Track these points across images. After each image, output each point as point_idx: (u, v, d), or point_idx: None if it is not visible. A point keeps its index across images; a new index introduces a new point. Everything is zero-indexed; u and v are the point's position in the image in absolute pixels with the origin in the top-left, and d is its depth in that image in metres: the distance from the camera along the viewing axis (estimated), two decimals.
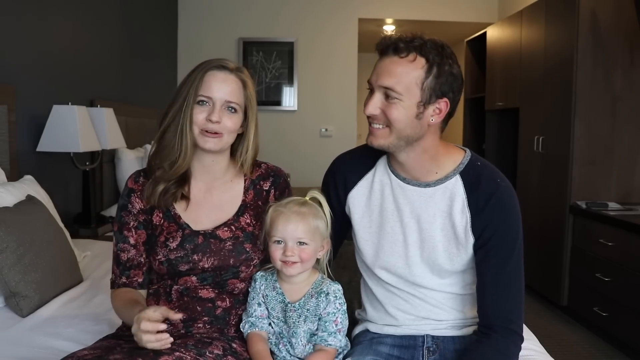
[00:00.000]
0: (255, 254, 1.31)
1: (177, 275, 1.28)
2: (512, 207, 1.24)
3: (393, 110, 1.18)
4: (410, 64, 1.16)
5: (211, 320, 1.28)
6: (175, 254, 1.27)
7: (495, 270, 1.22)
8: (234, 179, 1.37)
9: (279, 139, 5.19)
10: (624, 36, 3.15)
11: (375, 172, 1.34)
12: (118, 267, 1.34)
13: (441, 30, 5.60)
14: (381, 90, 1.19)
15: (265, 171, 1.40)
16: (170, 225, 1.30)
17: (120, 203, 1.35)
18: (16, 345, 1.46)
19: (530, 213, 3.66)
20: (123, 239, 1.33)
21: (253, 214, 1.34)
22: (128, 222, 1.32)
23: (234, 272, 1.29)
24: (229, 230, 1.30)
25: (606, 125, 3.20)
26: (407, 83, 1.16)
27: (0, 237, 1.65)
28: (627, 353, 2.80)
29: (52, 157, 2.66)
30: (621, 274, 2.78)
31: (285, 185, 1.41)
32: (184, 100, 1.25)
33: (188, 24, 5.08)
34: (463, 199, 1.24)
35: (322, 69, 5.19)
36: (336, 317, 1.25)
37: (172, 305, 1.28)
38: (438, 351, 1.29)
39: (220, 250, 1.28)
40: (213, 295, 1.29)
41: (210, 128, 1.25)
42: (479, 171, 1.26)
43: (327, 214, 1.26)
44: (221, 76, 1.27)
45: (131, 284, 1.33)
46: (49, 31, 2.70)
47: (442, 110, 1.20)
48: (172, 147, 1.26)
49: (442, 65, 1.17)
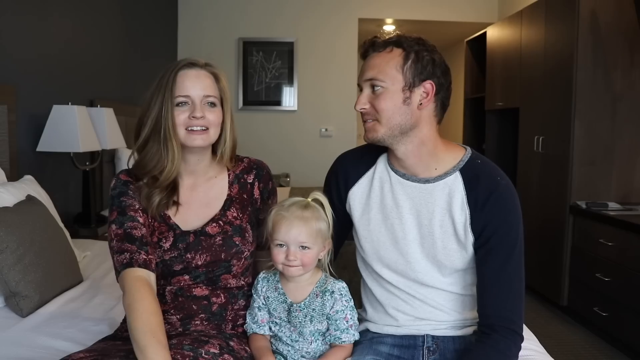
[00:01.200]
0: (245, 246, 1.32)
1: (170, 275, 1.28)
2: (512, 206, 1.24)
3: (380, 100, 1.21)
4: (388, 54, 1.23)
5: (208, 317, 1.29)
6: (169, 254, 1.27)
7: (496, 269, 1.22)
8: (218, 175, 1.38)
9: (279, 139, 5.19)
10: (624, 36, 3.15)
11: (375, 169, 1.34)
12: (133, 243, 1.20)
13: (441, 30, 5.61)
14: (367, 84, 1.24)
15: (248, 165, 1.41)
16: (161, 225, 1.30)
17: (116, 192, 1.29)
18: (16, 345, 1.46)
19: (530, 213, 3.66)
20: (130, 218, 1.24)
21: (239, 207, 1.35)
22: (133, 204, 1.27)
23: (226, 266, 1.29)
24: (218, 226, 1.31)
25: (606, 125, 3.20)
26: (387, 70, 1.21)
27: (0, 237, 1.65)
28: (627, 353, 2.80)
29: (52, 157, 2.66)
30: (621, 274, 2.78)
31: (269, 177, 1.42)
32: (161, 104, 1.24)
33: (188, 24, 5.08)
34: (462, 195, 1.24)
35: (322, 69, 5.19)
36: (345, 314, 1.26)
37: (167, 306, 1.28)
38: (438, 351, 1.30)
39: (211, 246, 1.28)
40: (207, 292, 1.29)
41: (196, 124, 1.26)
42: (480, 168, 1.26)
43: (329, 216, 1.26)
44: (193, 73, 1.27)
45: (151, 264, 1.21)
46: (49, 31, 2.70)
47: (429, 93, 1.23)
48: (159, 154, 1.25)
49: (420, 52, 1.22)
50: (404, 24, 5.41)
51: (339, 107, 5.22)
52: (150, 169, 1.26)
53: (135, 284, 1.16)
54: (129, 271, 1.18)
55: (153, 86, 1.28)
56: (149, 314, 1.11)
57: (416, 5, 5.16)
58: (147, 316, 1.11)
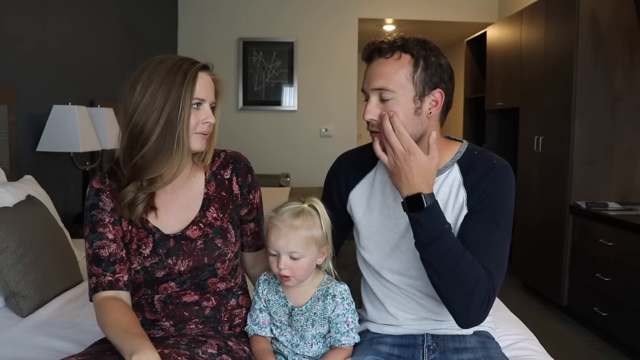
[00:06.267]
0: (227, 247, 1.27)
1: (154, 283, 1.24)
2: (507, 181, 1.23)
3: (390, 110, 1.17)
4: (397, 62, 1.18)
5: (202, 321, 1.26)
6: (150, 260, 1.22)
7: (481, 230, 1.18)
8: (196, 173, 1.32)
9: (279, 139, 5.20)
10: (624, 36, 3.15)
11: (376, 170, 1.34)
12: (99, 266, 1.20)
13: (441, 30, 5.61)
14: (375, 93, 1.20)
15: (224, 159, 1.34)
16: (139, 231, 1.24)
17: (88, 203, 1.25)
18: (16, 345, 1.46)
19: (530, 213, 3.66)
20: (99, 236, 1.22)
21: (218, 206, 1.29)
22: (102, 218, 1.23)
23: (211, 270, 1.26)
24: (198, 229, 1.26)
25: (606, 125, 3.20)
26: (398, 80, 1.17)
27: (0, 237, 1.65)
28: (627, 353, 2.80)
29: (52, 157, 2.66)
30: (621, 274, 2.78)
31: (247, 169, 1.34)
32: (176, 106, 1.16)
33: (188, 24, 5.09)
34: (459, 182, 1.24)
35: (322, 69, 5.19)
36: (347, 318, 1.25)
37: (158, 315, 1.25)
38: (438, 350, 1.29)
39: (193, 250, 1.24)
40: (197, 298, 1.26)
41: (207, 130, 1.23)
42: (476, 157, 1.27)
43: (325, 222, 1.23)
44: (208, 77, 1.24)
45: (117, 283, 1.19)
46: (49, 31, 2.70)
47: (438, 101, 1.22)
48: (168, 157, 1.17)
49: (428, 58, 1.19)
50: (404, 24, 5.42)
51: (339, 107, 5.23)
52: (154, 172, 1.19)
53: (103, 304, 1.17)
54: (96, 296, 1.20)
55: (157, 80, 1.17)
56: (120, 317, 1.13)
57: (416, 5, 5.16)
58: (118, 320, 1.12)
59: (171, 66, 1.19)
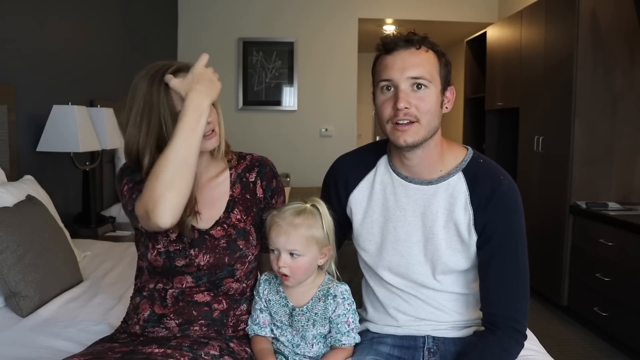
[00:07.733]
0: (248, 250, 1.29)
1: (172, 273, 1.25)
2: (515, 205, 1.24)
3: (426, 101, 1.19)
4: (426, 54, 1.20)
5: (208, 323, 1.27)
6: (174, 246, 1.24)
7: (501, 269, 1.22)
8: (219, 174, 1.34)
9: (279, 139, 5.19)
10: (624, 36, 3.15)
11: (376, 172, 1.33)
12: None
13: (441, 30, 5.60)
14: (408, 82, 1.18)
15: (250, 162, 1.37)
16: None
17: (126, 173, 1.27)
18: (16, 345, 1.45)
19: (530, 213, 3.64)
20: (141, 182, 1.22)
21: (242, 208, 1.32)
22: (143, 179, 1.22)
23: (230, 270, 1.28)
24: (222, 229, 1.28)
25: (606, 125, 3.20)
26: (431, 71, 1.20)
27: (0, 237, 1.65)
28: (627, 353, 2.80)
29: (52, 157, 2.66)
30: (621, 274, 2.78)
31: (272, 174, 1.37)
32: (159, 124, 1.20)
33: (188, 24, 5.08)
34: (465, 195, 1.24)
35: (322, 69, 5.19)
36: (347, 318, 1.25)
37: (167, 310, 1.26)
38: (439, 352, 1.29)
39: (215, 247, 1.26)
40: (209, 299, 1.27)
41: (209, 128, 1.24)
42: (481, 168, 1.26)
43: (327, 223, 1.24)
44: None
45: None
46: (49, 31, 2.70)
47: (451, 99, 1.25)
48: None
49: (445, 56, 1.23)
50: (404, 24, 5.41)
51: (339, 107, 5.23)
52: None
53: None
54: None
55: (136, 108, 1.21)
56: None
57: (416, 5, 5.16)
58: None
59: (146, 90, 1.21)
